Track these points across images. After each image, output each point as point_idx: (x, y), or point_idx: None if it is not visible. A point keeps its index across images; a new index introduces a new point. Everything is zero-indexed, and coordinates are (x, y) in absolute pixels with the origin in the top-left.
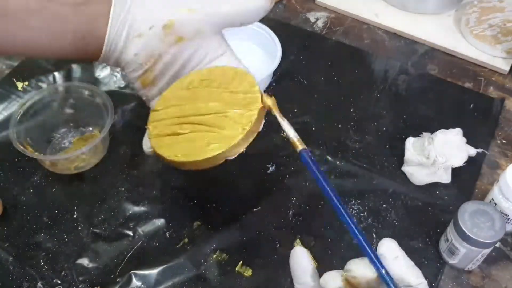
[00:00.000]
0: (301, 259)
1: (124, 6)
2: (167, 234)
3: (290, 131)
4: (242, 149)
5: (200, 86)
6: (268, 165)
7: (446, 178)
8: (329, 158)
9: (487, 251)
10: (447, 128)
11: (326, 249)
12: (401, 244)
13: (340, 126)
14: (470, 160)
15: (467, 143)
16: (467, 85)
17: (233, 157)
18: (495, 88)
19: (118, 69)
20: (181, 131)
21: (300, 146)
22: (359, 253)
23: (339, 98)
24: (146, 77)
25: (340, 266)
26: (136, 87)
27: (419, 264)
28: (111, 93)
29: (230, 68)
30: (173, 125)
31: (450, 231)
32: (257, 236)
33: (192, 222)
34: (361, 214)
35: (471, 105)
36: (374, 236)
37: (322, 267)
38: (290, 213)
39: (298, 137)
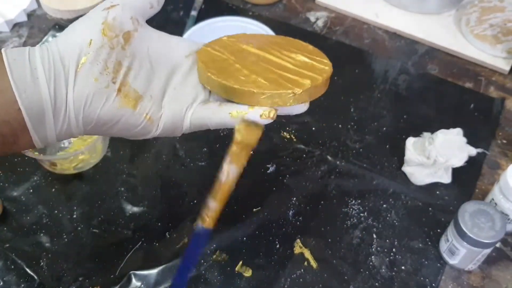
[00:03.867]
0: None
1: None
2: (167, 234)
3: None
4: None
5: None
6: (268, 165)
7: (446, 178)
8: (329, 158)
9: (487, 251)
10: (447, 128)
11: (326, 249)
12: (401, 244)
13: (340, 126)
14: (471, 160)
15: (468, 143)
16: (468, 85)
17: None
18: (495, 88)
19: None
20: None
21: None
22: (359, 253)
23: (339, 98)
24: (124, 95)
25: (341, 266)
26: (127, 119)
27: (419, 264)
28: None
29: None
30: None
31: (451, 231)
32: (257, 236)
33: (192, 222)
34: (361, 214)
35: (472, 105)
36: (374, 236)
37: (322, 267)
38: (290, 213)
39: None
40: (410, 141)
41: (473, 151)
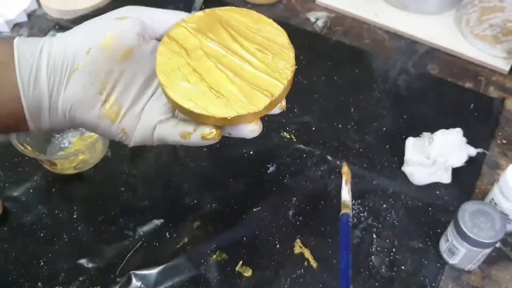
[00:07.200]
0: None
1: (37, 45)
2: (167, 234)
3: (346, 195)
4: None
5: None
6: (268, 165)
7: (446, 178)
8: (329, 158)
9: (487, 251)
10: (447, 128)
11: (326, 249)
12: (401, 244)
13: (340, 126)
14: (470, 160)
15: (468, 143)
16: (468, 85)
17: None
18: (495, 88)
19: None
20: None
21: (343, 209)
22: (359, 253)
23: (339, 98)
24: (108, 107)
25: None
26: (105, 129)
27: (419, 264)
28: None
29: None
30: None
31: (450, 231)
32: (257, 236)
33: (192, 222)
34: (361, 214)
35: (472, 105)
36: (374, 236)
37: (322, 267)
38: (290, 213)
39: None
40: (410, 141)
41: (473, 151)
